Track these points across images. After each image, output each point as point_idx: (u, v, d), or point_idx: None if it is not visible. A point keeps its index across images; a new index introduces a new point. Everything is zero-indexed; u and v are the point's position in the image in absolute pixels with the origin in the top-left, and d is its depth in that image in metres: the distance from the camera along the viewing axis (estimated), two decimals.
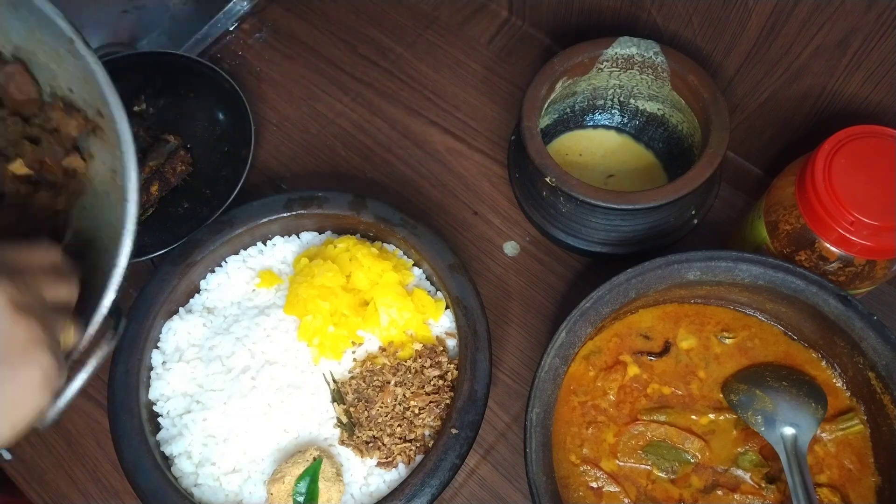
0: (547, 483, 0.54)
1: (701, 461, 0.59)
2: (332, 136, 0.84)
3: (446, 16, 0.90)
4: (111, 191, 0.54)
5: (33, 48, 0.55)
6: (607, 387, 0.61)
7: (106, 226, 0.54)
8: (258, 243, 0.72)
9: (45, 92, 0.56)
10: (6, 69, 0.56)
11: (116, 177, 0.54)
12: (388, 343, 0.66)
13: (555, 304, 0.75)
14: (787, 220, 0.59)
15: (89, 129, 0.56)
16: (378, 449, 0.62)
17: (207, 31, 0.88)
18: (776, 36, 0.64)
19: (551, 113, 0.76)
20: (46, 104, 0.57)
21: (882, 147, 0.56)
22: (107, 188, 0.55)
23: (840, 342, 0.58)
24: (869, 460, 0.58)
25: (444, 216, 0.79)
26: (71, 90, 0.56)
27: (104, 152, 0.55)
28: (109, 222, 0.54)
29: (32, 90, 0.56)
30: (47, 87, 0.56)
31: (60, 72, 0.55)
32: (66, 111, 0.56)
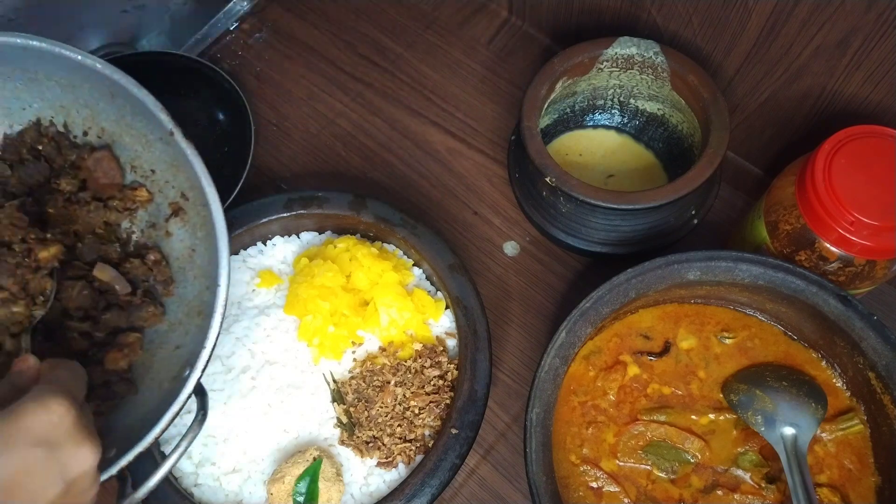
0: (547, 483, 0.54)
1: (701, 461, 0.59)
2: (332, 136, 0.84)
3: (446, 16, 0.90)
4: (188, 268, 0.57)
5: (121, 131, 0.57)
6: (607, 387, 0.61)
7: (180, 300, 0.57)
8: (258, 243, 0.72)
9: (126, 172, 0.58)
10: (96, 155, 0.57)
11: (194, 255, 0.57)
12: (388, 343, 0.66)
13: (555, 304, 0.75)
14: (787, 220, 0.59)
15: (171, 211, 0.58)
16: (378, 449, 0.62)
17: (207, 31, 0.88)
18: (776, 36, 0.64)
19: (551, 113, 0.76)
20: (126, 188, 0.58)
21: (882, 147, 0.56)
22: (183, 265, 0.58)
23: (840, 342, 0.58)
24: (869, 460, 0.58)
25: (444, 216, 0.79)
26: (153, 171, 0.58)
27: (183, 232, 0.57)
28: (184, 297, 0.57)
29: (118, 175, 0.58)
30: (127, 167, 0.58)
31: (146, 154, 0.57)
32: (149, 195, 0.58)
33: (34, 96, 0.56)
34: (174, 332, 0.57)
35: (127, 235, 0.59)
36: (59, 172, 0.58)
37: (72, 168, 0.58)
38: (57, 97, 0.56)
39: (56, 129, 0.57)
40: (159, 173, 0.57)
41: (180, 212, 0.57)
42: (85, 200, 0.57)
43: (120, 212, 0.58)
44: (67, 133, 0.58)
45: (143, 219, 0.59)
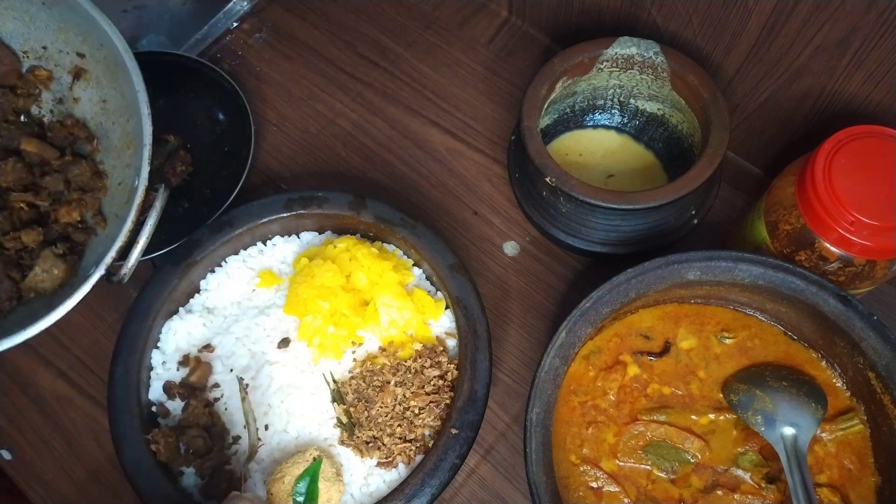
0: (547, 483, 0.54)
1: (701, 461, 0.59)
2: (332, 136, 0.84)
3: (446, 16, 0.90)
4: (104, 120, 0.61)
5: (1, 18, 0.59)
6: (607, 387, 0.61)
7: (106, 149, 0.62)
8: (258, 243, 0.72)
9: (21, 60, 0.61)
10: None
11: (107, 105, 0.60)
12: (388, 343, 0.66)
13: (555, 304, 0.75)
14: (787, 220, 0.59)
15: (73, 77, 0.61)
16: (378, 449, 0.62)
17: (207, 31, 0.88)
18: (776, 36, 0.64)
19: (551, 113, 0.76)
20: (25, 74, 0.60)
21: (882, 147, 0.56)
22: (100, 119, 0.61)
23: (840, 342, 0.58)
24: (869, 460, 0.58)
25: (444, 216, 0.79)
26: (45, 48, 0.60)
27: (90, 90, 0.61)
28: (111, 145, 0.62)
29: (14, 60, 0.61)
30: (20, 55, 0.61)
31: (33, 32, 0.59)
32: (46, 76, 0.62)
33: None
34: (112, 177, 0.62)
35: (39, 121, 0.63)
36: None
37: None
38: None
39: None
40: (51, 46, 0.60)
41: (81, 73, 0.60)
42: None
43: (26, 97, 0.61)
44: None
45: (48, 99, 0.62)
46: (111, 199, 0.64)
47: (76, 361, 0.74)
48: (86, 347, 0.74)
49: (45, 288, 0.61)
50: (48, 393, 0.72)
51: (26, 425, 0.71)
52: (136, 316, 0.65)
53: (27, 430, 0.71)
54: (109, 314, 0.75)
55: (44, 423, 0.71)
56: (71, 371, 0.73)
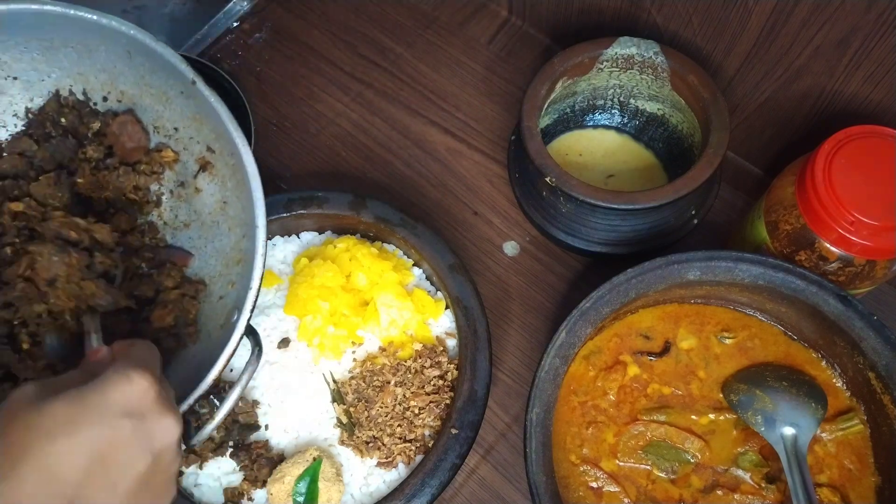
0: (547, 483, 0.54)
1: (701, 461, 0.59)
2: (332, 136, 0.84)
3: (446, 16, 0.90)
4: (221, 220, 0.57)
5: (140, 92, 0.57)
6: (607, 387, 0.61)
7: (217, 253, 0.57)
8: None
9: (150, 134, 0.58)
10: (119, 119, 0.57)
11: (226, 207, 0.57)
12: (388, 343, 0.66)
13: (555, 304, 0.75)
14: (787, 220, 0.59)
15: (199, 167, 0.57)
16: (378, 449, 0.62)
17: (207, 31, 0.88)
18: (776, 36, 0.64)
19: (551, 113, 0.76)
20: (152, 151, 0.58)
21: (882, 147, 0.56)
22: (216, 218, 0.57)
23: (840, 342, 0.58)
24: (869, 460, 0.58)
25: (444, 216, 0.79)
26: (176, 129, 0.57)
27: (213, 186, 0.57)
28: (221, 249, 0.57)
29: (143, 138, 0.58)
30: (150, 128, 0.58)
31: (167, 113, 0.57)
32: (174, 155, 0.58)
33: (52, 65, 0.56)
34: (215, 284, 0.57)
35: (157, 198, 0.59)
36: (83, 141, 0.57)
37: (96, 136, 0.57)
38: (74, 64, 0.56)
39: (76, 98, 0.57)
40: (182, 130, 0.57)
41: (208, 166, 0.57)
42: (113, 166, 0.57)
43: (148, 175, 0.58)
44: (87, 100, 0.57)
45: (171, 179, 0.59)
46: (209, 311, 0.57)
47: None
48: None
49: None
50: None
51: None
52: None
53: None
54: None
55: None
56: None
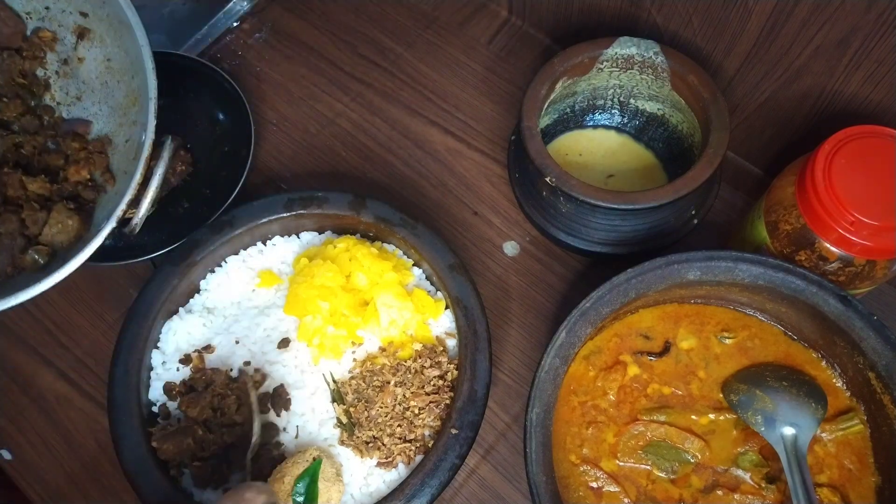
0: (547, 483, 0.54)
1: (701, 461, 0.59)
2: (332, 136, 0.84)
3: (446, 16, 0.90)
4: (109, 79, 0.62)
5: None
6: (607, 387, 0.61)
7: (112, 110, 0.63)
8: (258, 243, 0.72)
9: (24, 20, 0.61)
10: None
11: (111, 63, 0.61)
12: (387, 343, 0.66)
13: (555, 304, 0.75)
14: (787, 220, 0.59)
15: (77, 37, 0.61)
16: (378, 449, 0.62)
17: (207, 31, 0.88)
18: (776, 36, 0.64)
19: (551, 113, 0.76)
20: (30, 37, 0.61)
21: (882, 147, 0.56)
22: (104, 79, 0.62)
23: (840, 342, 0.58)
24: (869, 460, 0.58)
25: (444, 216, 0.79)
26: (48, 8, 0.60)
27: (95, 49, 0.61)
28: (116, 104, 0.62)
29: (18, 22, 0.61)
30: (23, 16, 0.61)
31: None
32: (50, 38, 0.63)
33: None
34: (119, 135, 0.63)
35: (45, 82, 0.63)
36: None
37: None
38: None
39: None
40: (54, 7, 0.61)
41: (86, 33, 0.61)
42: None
43: (32, 60, 0.62)
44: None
45: (53, 60, 0.63)
46: (119, 156, 0.64)
47: (76, 361, 0.74)
48: (86, 347, 0.74)
49: (61, 241, 0.62)
50: (48, 393, 0.72)
51: (26, 425, 0.71)
52: (136, 316, 0.65)
53: (27, 430, 0.71)
54: (110, 314, 0.75)
55: (44, 423, 0.71)
56: (71, 371, 0.73)
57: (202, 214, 0.74)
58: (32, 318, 0.75)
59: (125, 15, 0.59)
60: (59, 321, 0.75)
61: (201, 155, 0.79)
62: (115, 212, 0.59)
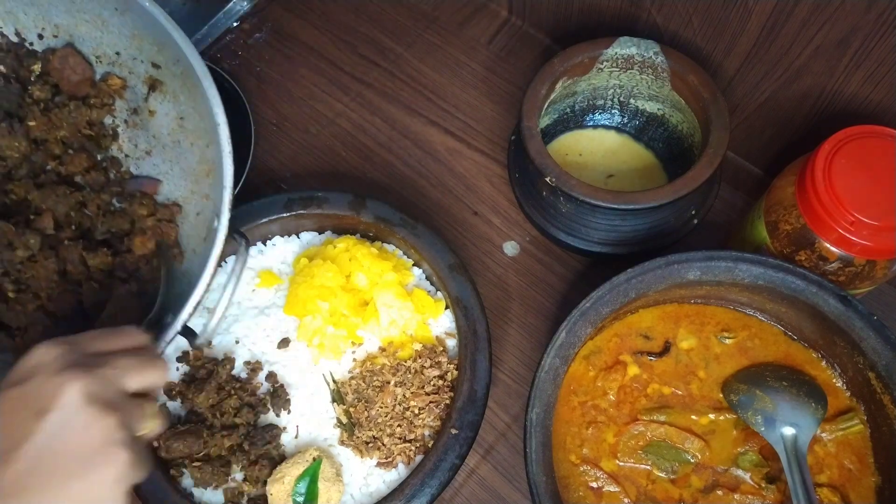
0: (547, 483, 0.54)
1: (701, 461, 0.59)
2: (332, 136, 0.84)
3: (446, 16, 0.90)
4: (182, 138, 0.55)
5: (74, 21, 0.55)
6: (607, 387, 0.61)
7: (184, 173, 0.55)
8: (258, 243, 0.72)
9: (94, 65, 0.56)
10: (59, 53, 0.56)
11: (184, 122, 0.54)
12: (387, 343, 0.66)
13: (555, 304, 0.75)
14: (787, 220, 0.59)
15: (148, 88, 0.55)
16: (378, 449, 0.62)
17: (207, 31, 0.88)
18: (776, 36, 0.64)
19: (551, 113, 0.76)
20: (98, 82, 0.57)
21: (882, 147, 0.56)
22: (176, 138, 0.55)
23: (840, 342, 0.58)
24: (869, 460, 0.58)
25: (444, 216, 0.79)
26: (118, 53, 0.55)
27: (166, 104, 0.55)
28: (188, 168, 0.55)
29: (87, 69, 0.56)
30: (93, 60, 0.56)
31: (105, 38, 0.55)
32: (120, 85, 0.57)
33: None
34: (190, 203, 0.56)
35: (113, 131, 0.58)
36: (27, 85, 0.56)
37: (39, 77, 0.56)
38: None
39: (9, 40, 0.56)
40: (124, 53, 0.55)
41: (157, 84, 0.55)
42: (62, 104, 0.56)
43: (100, 108, 0.57)
44: (22, 41, 0.56)
45: (123, 108, 0.57)
46: (189, 228, 0.56)
47: None
48: None
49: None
50: None
51: None
52: None
53: None
54: None
55: None
56: None
57: None
58: None
59: (199, 80, 0.51)
60: None
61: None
62: (180, 314, 0.49)
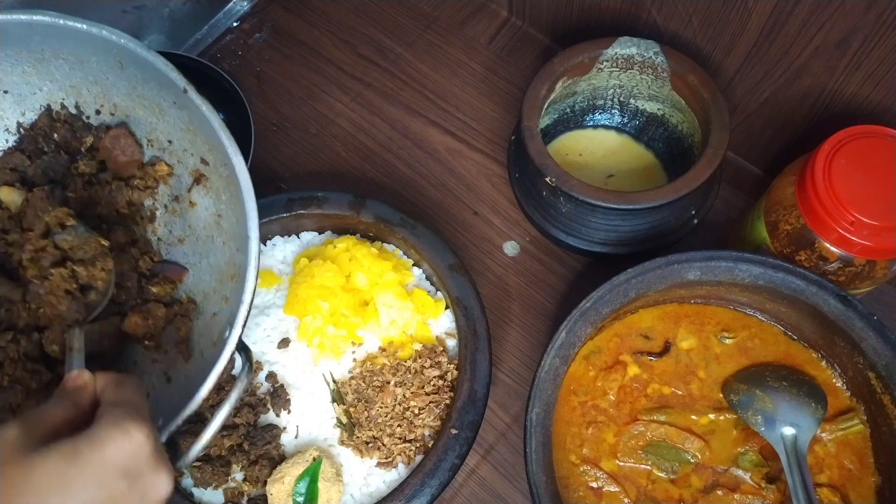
0: (547, 483, 0.54)
1: (701, 461, 0.59)
2: (332, 136, 0.84)
3: (446, 16, 0.90)
4: (215, 235, 0.55)
5: (133, 105, 0.55)
6: (607, 387, 0.61)
7: (211, 269, 0.55)
8: None
9: (144, 147, 0.57)
10: (112, 133, 0.56)
11: (221, 220, 0.55)
12: (387, 343, 0.66)
13: (555, 304, 0.75)
14: (787, 220, 0.59)
15: (193, 180, 0.56)
16: (378, 449, 0.62)
17: (207, 31, 0.88)
18: (776, 36, 0.64)
19: (551, 113, 0.76)
20: (146, 165, 0.57)
21: (882, 147, 0.56)
22: (211, 233, 0.56)
23: (840, 342, 0.58)
24: (869, 460, 0.58)
25: (444, 216, 0.79)
26: (170, 142, 0.56)
27: (207, 199, 0.56)
28: (216, 265, 0.55)
29: (136, 151, 0.56)
30: (144, 142, 0.57)
31: (160, 125, 0.55)
32: (167, 170, 0.57)
33: (43, 78, 0.55)
34: (209, 301, 0.55)
35: (151, 213, 0.58)
36: (76, 156, 0.56)
37: (89, 150, 0.57)
38: (66, 76, 0.55)
39: (68, 112, 0.56)
40: (176, 143, 0.56)
41: (202, 179, 0.56)
42: (105, 181, 0.56)
43: (142, 190, 0.57)
44: (80, 114, 0.57)
45: (165, 193, 0.57)
46: (202, 328, 0.55)
47: None
48: None
49: None
50: None
51: None
52: None
53: None
54: None
55: None
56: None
57: None
58: None
59: (241, 192, 0.51)
60: None
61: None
62: (170, 423, 0.48)
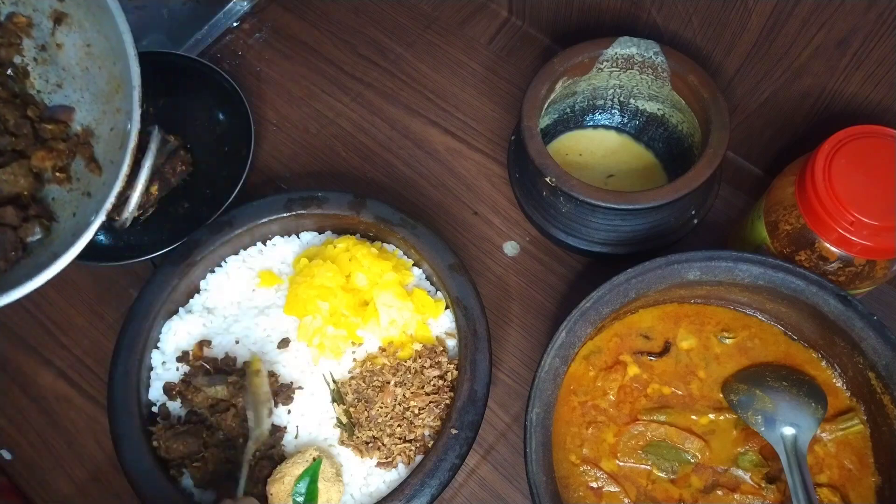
0: (547, 483, 0.54)
1: (701, 461, 0.59)
2: (332, 136, 0.84)
3: (446, 16, 0.90)
4: (90, 65, 0.59)
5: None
6: (607, 387, 0.61)
7: (94, 97, 0.60)
8: (258, 243, 0.72)
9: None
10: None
11: (92, 48, 0.58)
12: (387, 343, 0.66)
13: (555, 304, 0.75)
14: (787, 220, 0.59)
15: (53, 22, 0.58)
16: (378, 449, 0.62)
17: (207, 31, 0.88)
18: (776, 36, 0.64)
19: (551, 113, 0.76)
20: (3, 23, 0.58)
21: (882, 147, 0.56)
22: (86, 65, 0.59)
23: (840, 342, 0.58)
24: (869, 460, 0.58)
25: (444, 216, 0.79)
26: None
27: (73, 35, 0.58)
28: (99, 91, 0.59)
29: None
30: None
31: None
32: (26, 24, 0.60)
33: None
34: (103, 122, 0.60)
35: (23, 70, 0.61)
36: None
37: None
38: None
39: None
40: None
41: (62, 17, 0.58)
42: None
43: (7, 47, 0.59)
44: None
45: (30, 46, 0.60)
46: (104, 145, 0.62)
47: (76, 361, 0.74)
48: (86, 347, 0.74)
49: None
50: (48, 393, 0.72)
51: (26, 425, 0.71)
52: (136, 316, 0.65)
53: (27, 430, 0.71)
54: (109, 314, 0.75)
55: (44, 423, 0.71)
56: (71, 371, 0.73)
57: (202, 214, 0.73)
58: (32, 318, 0.75)
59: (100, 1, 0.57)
60: (59, 321, 0.75)
61: (201, 155, 0.79)
62: (104, 204, 0.57)
